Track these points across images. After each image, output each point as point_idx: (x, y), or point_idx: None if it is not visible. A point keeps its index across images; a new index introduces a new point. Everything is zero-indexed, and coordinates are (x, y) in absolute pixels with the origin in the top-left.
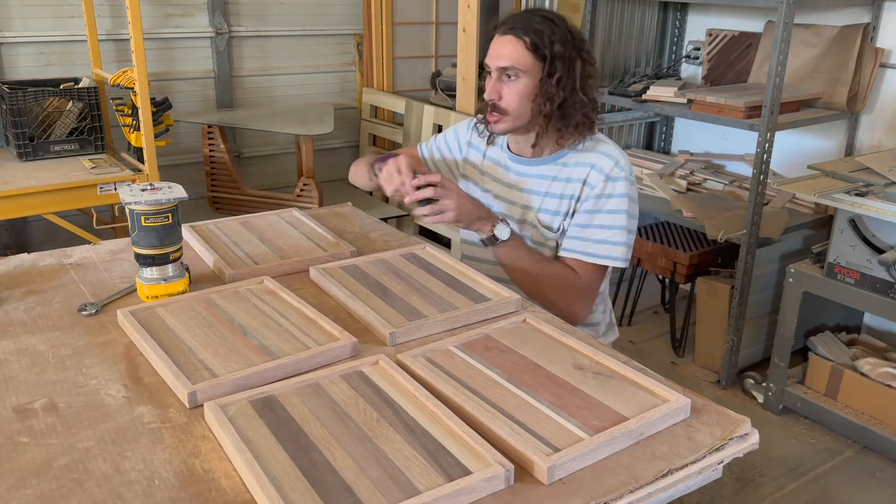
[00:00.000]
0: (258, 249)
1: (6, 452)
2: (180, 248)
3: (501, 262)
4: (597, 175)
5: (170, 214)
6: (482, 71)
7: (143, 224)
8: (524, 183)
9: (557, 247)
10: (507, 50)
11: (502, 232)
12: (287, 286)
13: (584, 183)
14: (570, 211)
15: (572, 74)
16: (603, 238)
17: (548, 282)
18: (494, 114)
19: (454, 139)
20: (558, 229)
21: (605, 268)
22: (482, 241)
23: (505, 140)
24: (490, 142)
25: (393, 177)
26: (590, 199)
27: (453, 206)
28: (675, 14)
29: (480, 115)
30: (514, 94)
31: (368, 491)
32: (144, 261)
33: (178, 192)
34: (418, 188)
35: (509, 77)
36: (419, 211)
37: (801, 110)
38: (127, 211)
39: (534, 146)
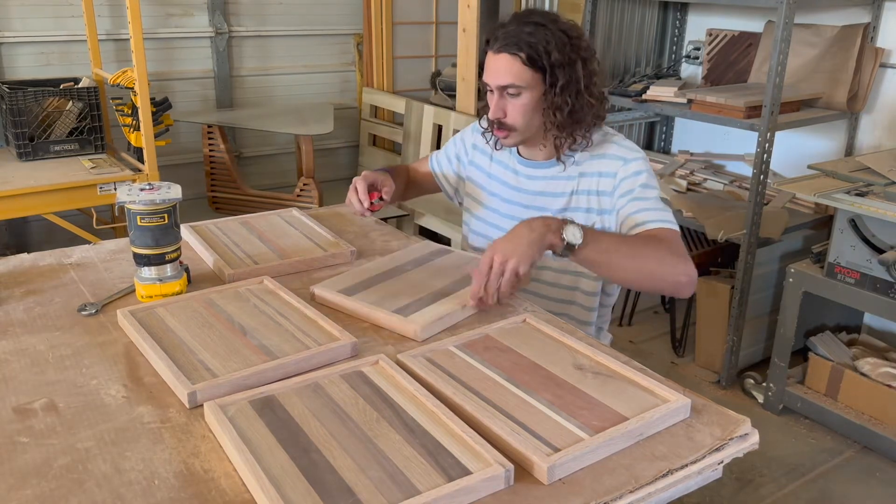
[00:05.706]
0: (258, 249)
1: (6, 452)
2: (177, 248)
3: (595, 264)
4: (622, 165)
5: (166, 215)
6: (482, 71)
7: (139, 224)
8: (539, 185)
9: None
10: (504, 68)
11: (574, 235)
12: (287, 286)
13: (615, 176)
14: (607, 207)
15: (575, 78)
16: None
17: (650, 253)
18: (502, 130)
19: (461, 145)
20: (596, 225)
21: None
22: (558, 254)
23: None
24: (498, 147)
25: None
26: (621, 184)
27: (509, 255)
28: (675, 14)
29: (485, 126)
30: (518, 111)
31: (368, 491)
32: (140, 260)
33: (175, 192)
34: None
35: (511, 94)
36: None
37: (801, 110)
38: (125, 210)
39: (545, 148)
